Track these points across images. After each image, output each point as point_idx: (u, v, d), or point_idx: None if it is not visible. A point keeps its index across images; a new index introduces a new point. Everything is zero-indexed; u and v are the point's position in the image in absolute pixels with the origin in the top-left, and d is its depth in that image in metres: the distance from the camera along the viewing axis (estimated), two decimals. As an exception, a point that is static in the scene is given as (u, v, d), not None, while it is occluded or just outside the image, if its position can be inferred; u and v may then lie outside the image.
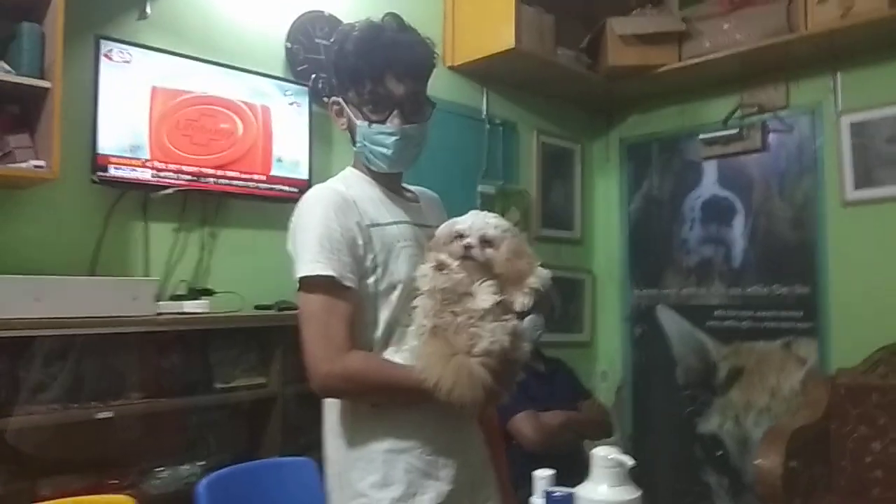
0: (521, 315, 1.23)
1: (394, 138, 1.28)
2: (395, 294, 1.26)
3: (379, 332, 1.26)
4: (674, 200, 3.65)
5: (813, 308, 3.18)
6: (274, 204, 2.42)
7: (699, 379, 3.49)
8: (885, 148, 3.03)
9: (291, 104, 2.49)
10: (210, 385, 2.12)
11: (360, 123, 1.28)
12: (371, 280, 1.25)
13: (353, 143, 1.33)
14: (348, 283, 1.21)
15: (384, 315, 1.26)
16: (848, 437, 2.83)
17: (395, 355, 1.25)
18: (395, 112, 1.27)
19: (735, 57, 3.15)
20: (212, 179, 2.27)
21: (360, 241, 1.24)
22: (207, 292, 2.23)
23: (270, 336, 2.19)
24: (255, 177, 2.38)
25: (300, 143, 2.51)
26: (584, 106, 3.83)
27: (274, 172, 2.43)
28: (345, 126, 1.33)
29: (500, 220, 1.30)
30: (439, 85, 3.06)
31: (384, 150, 1.29)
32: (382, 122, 1.27)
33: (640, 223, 3.79)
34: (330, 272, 1.19)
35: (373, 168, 1.33)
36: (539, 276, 1.26)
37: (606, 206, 3.91)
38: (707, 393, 3.45)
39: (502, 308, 1.20)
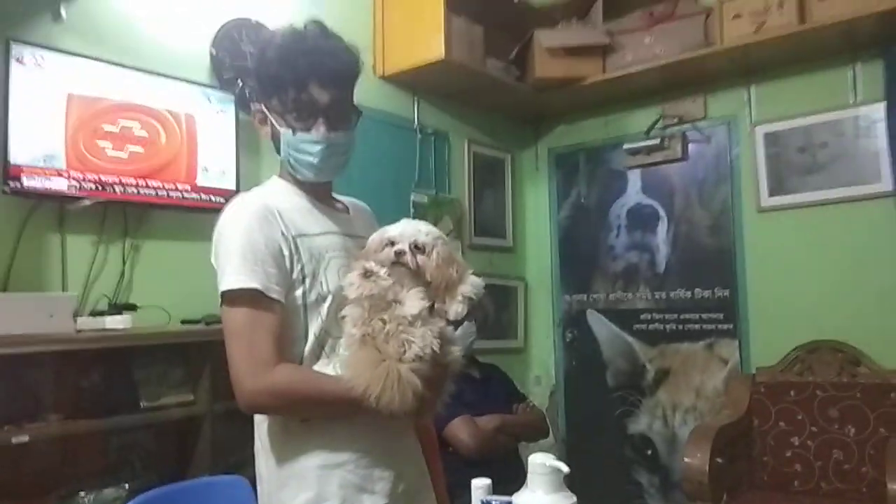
0: (455, 324, 1.22)
1: (319, 146, 1.25)
2: (325, 305, 1.23)
3: (309, 344, 1.23)
4: (601, 208, 3.73)
5: (733, 310, 3.30)
6: (200, 214, 2.34)
7: (628, 381, 3.56)
8: (797, 157, 3.17)
9: (217, 112, 2.42)
10: (135, 404, 2.03)
11: (284, 132, 1.25)
12: (299, 292, 1.22)
13: (278, 151, 1.29)
14: (274, 296, 1.18)
15: (314, 327, 1.23)
16: (769, 433, 2.94)
17: (327, 367, 1.22)
18: (319, 120, 1.24)
19: (656, 70, 3.24)
20: (133, 189, 2.19)
21: (286, 252, 1.21)
22: (130, 307, 2.14)
23: (198, 352, 2.11)
24: (180, 186, 2.30)
25: (227, 152, 2.44)
26: (513, 116, 3.87)
27: (199, 182, 2.36)
28: (268, 135, 1.29)
29: (432, 228, 1.29)
30: (370, 94, 3.05)
31: (309, 159, 1.26)
32: (307, 130, 1.24)
33: (570, 231, 3.85)
34: (254, 284, 1.16)
35: (299, 177, 1.30)
36: (472, 285, 1.25)
37: (536, 214, 3.96)
38: (636, 394, 3.53)
39: (433, 314, 1.19)
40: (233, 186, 2.42)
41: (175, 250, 2.36)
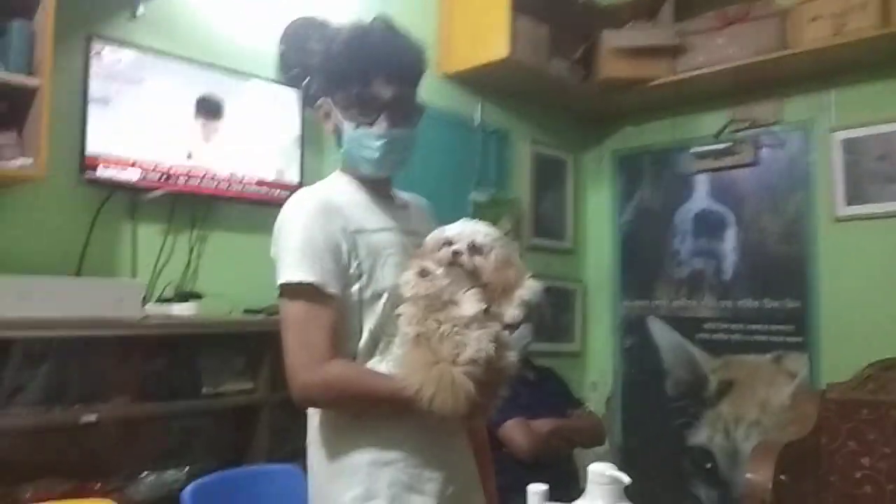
0: (511, 327, 1.21)
1: (381, 142, 1.25)
2: (381, 302, 1.24)
3: (363, 341, 1.23)
4: (665, 212, 3.65)
5: (803, 322, 3.17)
6: (264, 208, 2.38)
7: (689, 391, 3.47)
8: (876, 165, 3.03)
9: (283, 108, 2.47)
10: (197, 390, 2.08)
11: (347, 125, 1.26)
12: (355, 288, 1.23)
13: (340, 145, 1.31)
14: (331, 291, 1.19)
15: (369, 324, 1.23)
16: (837, 453, 2.82)
17: (380, 365, 1.23)
18: (382, 115, 1.25)
19: (728, 72, 3.15)
20: (200, 181, 2.25)
21: (345, 248, 1.22)
22: (195, 296, 2.19)
23: (259, 341, 2.15)
24: (245, 179, 2.36)
25: (291, 147, 2.49)
26: (577, 117, 3.82)
27: (264, 176, 2.41)
28: (332, 129, 1.30)
29: (491, 229, 1.28)
30: (433, 92, 3.06)
31: (371, 154, 1.27)
32: (369, 124, 1.25)
33: (632, 234, 3.78)
34: (311, 279, 1.17)
35: (360, 172, 1.31)
36: (530, 289, 1.23)
37: (598, 216, 3.90)
38: (697, 405, 3.44)
39: (488, 317, 1.18)
40: (296, 181, 2.46)
41: (239, 242, 2.42)
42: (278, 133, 2.46)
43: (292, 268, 1.18)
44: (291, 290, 1.19)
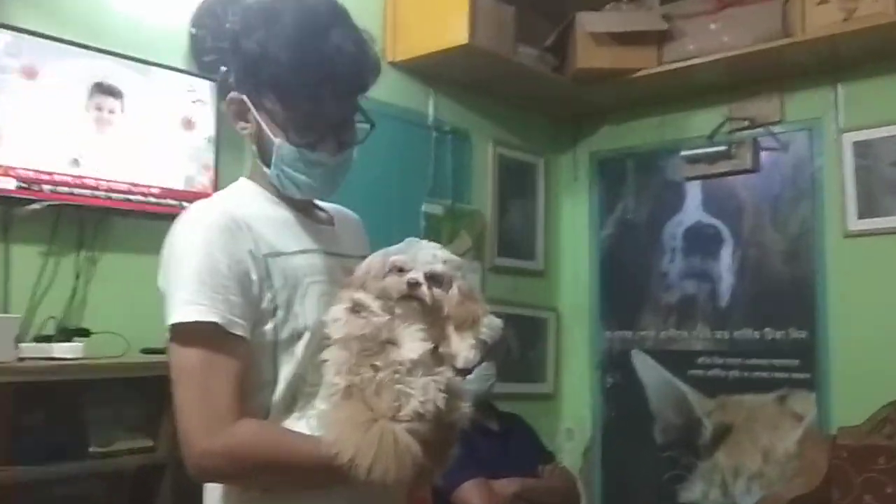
0: (464, 372, 1.19)
1: (321, 168, 1.23)
2: (301, 344, 1.20)
3: (278, 393, 1.19)
4: (652, 227, 3.71)
5: (811, 356, 3.24)
6: (169, 223, 2.35)
7: (680, 438, 3.52)
8: (891, 172, 3.13)
9: (194, 102, 2.45)
10: (83, 449, 2.03)
11: (280, 143, 1.22)
12: (269, 326, 1.19)
13: (260, 156, 1.26)
14: (237, 331, 1.14)
15: (286, 371, 1.19)
16: (851, 509, 2.89)
17: (299, 423, 1.18)
18: (328, 138, 1.23)
19: (723, 62, 3.22)
20: (92, 192, 2.21)
21: (254, 276, 1.17)
22: (83, 333, 2.15)
23: (160, 388, 2.05)
24: (147, 189, 2.33)
25: (204, 150, 2.46)
26: (548, 114, 3.86)
27: (171, 184, 2.37)
28: (247, 131, 1.26)
29: (448, 253, 1.26)
30: (378, 83, 3.05)
31: (306, 181, 1.24)
32: (310, 147, 1.22)
33: (613, 253, 3.83)
34: (212, 317, 1.12)
35: (285, 192, 1.27)
36: (489, 326, 1.22)
37: (574, 231, 3.95)
38: (690, 455, 3.48)
39: (436, 359, 1.16)
40: (210, 189, 2.43)
41: (138, 266, 2.36)
42: (188, 133, 2.43)
43: (186, 304, 1.12)
44: (187, 332, 1.12)
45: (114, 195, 2.27)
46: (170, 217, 2.28)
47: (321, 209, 1.37)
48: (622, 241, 3.81)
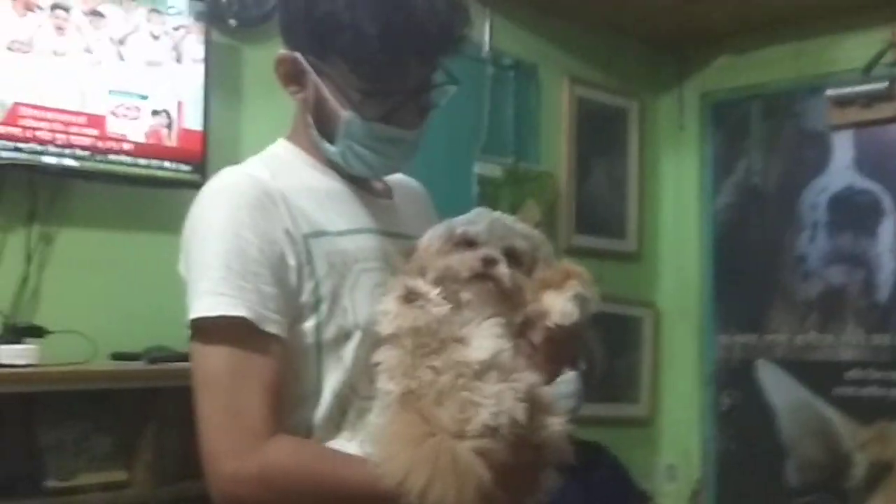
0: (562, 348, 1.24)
1: (401, 146, 1.31)
2: (350, 346, 1.25)
3: (323, 407, 1.25)
4: (785, 193, 3.68)
5: None
6: (148, 190, 2.40)
7: (824, 478, 3.50)
8: None
9: (177, 29, 2.49)
10: (37, 483, 2.08)
11: (350, 118, 1.28)
12: (310, 324, 1.25)
13: (317, 127, 1.32)
14: (271, 329, 1.20)
15: (332, 380, 1.25)
16: None
17: (350, 444, 1.24)
18: (407, 108, 1.29)
19: (885, -33, 3.20)
20: (46, 149, 2.25)
21: (292, 262, 1.23)
22: (36, 332, 2.19)
23: (136, 405, 2.17)
24: (118, 146, 2.36)
25: (190, 93, 2.49)
26: (644, 40, 3.84)
27: (148, 140, 2.41)
28: (302, 97, 1.33)
29: (529, 228, 1.30)
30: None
31: (382, 160, 1.31)
32: (386, 119, 1.28)
33: (732, 229, 3.81)
34: (241, 312, 1.18)
35: (347, 168, 1.34)
36: (583, 284, 1.26)
37: (678, 200, 3.94)
38: (836, 500, 3.47)
39: (515, 363, 1.19)
40: (198, 147, 2.48)
41: (107, 244, 2.43)
42: (168, 73, 2.47)
43: (209, 294, 1.19)
44: (209, 330, 1.19)
45: (73, 153, 2.30)
46: (145, 181, 2.39)
47: (377, 179, 1.43)
48: (744, 214, 3.79)
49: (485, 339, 1.18)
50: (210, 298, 1.19)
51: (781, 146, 3.72)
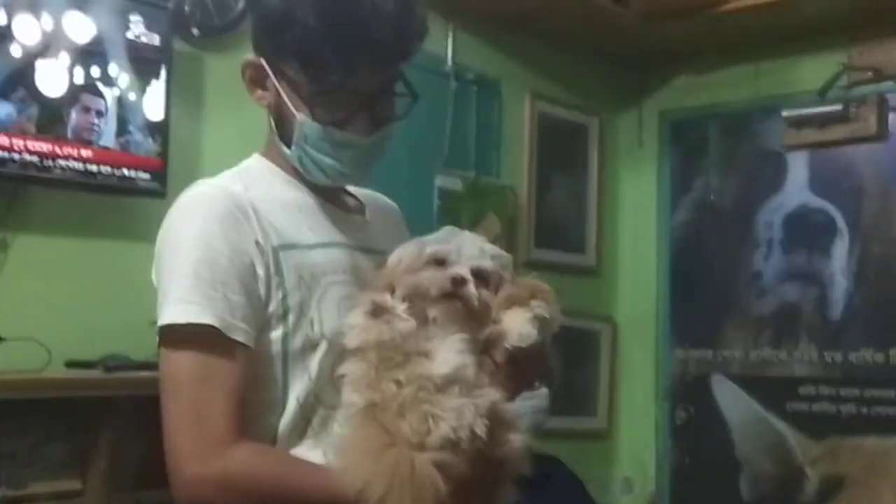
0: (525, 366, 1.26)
1: (354, 151, 1.33)
2: (316, 357, 1.28)
3: (289, 415, 1.28)
4: (741, 212, 3.71)
5: (953, 386, 3.26)
6: (105, 197, 2.39)
7: (777, 493, 3.52)
8: None
9: (137, 38, 2.48)
10: (-12, 491, 2.06)
11: (303, 120, 1.31)
12: (277, 333, 1.28)
13: (278, 131, 1.36)
14: (238, 337, 1.23)
15: (298, 389, 1.28)
16: None
17: (314, 452, 1.27)
18: (361, 114, 1.32)
19: (840, -9, 3.23)
20: (3, 154, 2.23)
21: (261, 272, 1.27)
22: (-10, 339, 2.18)
23: (91, 412, 2.15)
24: (75, 153, 2.34)
25: (151, 102, 2.48)
26: (605, 59, 3.86)
27: (106, 144, 2.40)
28: (265, 102, 1.37)
29: (497, 249, 1.33)
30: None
31: (334, 165, 1.33)
32: (340, 125, 1.31)
33: (689, 246, 3.84)
34: (207, 319, 1.21)
35: (309, 177, 1.37)
36: (546, 304, 1.28)
37: (637, 216, 3.96)
38: (788, 517, 3.49)
39: (478, 378, 1.21)
40: (156, 154, 2.47)
41: (64, 251, 2.41)
42: (129, 79, 2.46)
43: (178, 302, 1.23)
44: (178, 336, 1.23)
45: (30, 159, 2.28)
46: (104, 189, 2.37)
47: (350, 195, 1.47)
48: (701, 231, 3.82)
49: (448, 353, 1.21)
50: (179, 306, 1.23)
51: (738, 165, 3.76)
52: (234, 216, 1.27)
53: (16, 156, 2.26)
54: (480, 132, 3.44)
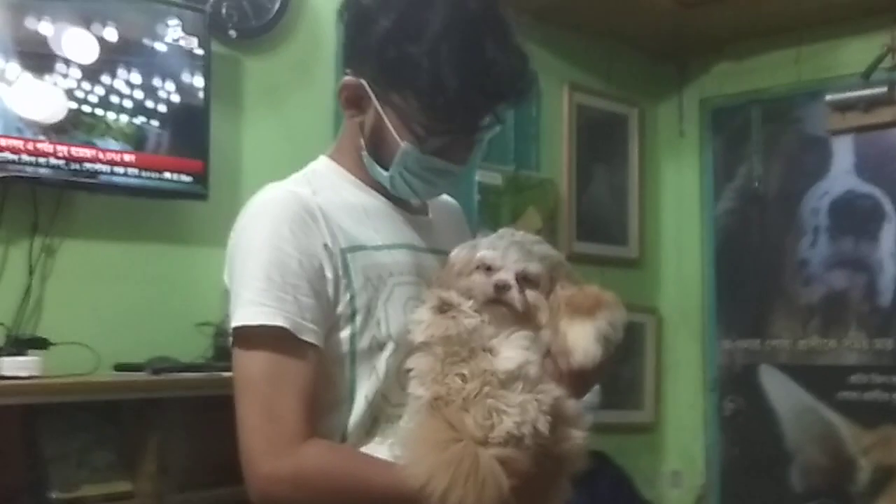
0: (582, 380, 1.27)
1: (452, 177, 1.38)
2: (383, 357, 1.31)
3: (356, 413, 1.30)
4: (786, 199, 3.68)
5: None
6: (149, 201, 2.41)
7: (828, 483, 3.50)
8: None
9: (177, 41, 2.49)
10: (41, 495, 2.07)
11: (409, 149, 1.32)
12: (345, 334, 1.31)
13: (370, 150, 1.37)
14: (308, 338, 1.26)
15: (366, 388, 1.30)
16: None
17: (380, 449, 1.29)
18: (461, 143, 1.36)
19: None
20: (49, 161, 2.25)
21: (329, 274, 1.29)
22: (39, 344, 2.19)
23: (140, 415, 2.16)
24: (118, 158, 2.36)
25: (191, 104, 2.49)
26: (644, 47, 3.84)
27: (149, 150, 2.41)
28: (359, 121, 1.38)
29: (548, 249, 1.34)
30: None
31: (429, 189, 1.39)
32: (441, 154, 1.34)
33: (733, 235, 3.81)
34: (279, 321, 1.24)
35: (394, 193, 1.39)
36: (610, 320, 1.29)
37: (679, 207, 3.94)
38: (841, 506, 3.47)
39: (540, 375, 1.21)
40: (201, 158, 2.48)
41: (109, 256, 2.42)
42: (171, 82, 2.47)
43: (251, 304, 1.26)
44: (250, 338, 1.26)
45: (76, 164, 2.30)
46: (149, 192, 2.39)
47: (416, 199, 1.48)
48: (745, 219, 3.79)
49: (512, 350, 1.22)
50: (251, 308, 1.25)
51: (781, 151, 3.72)
52: (303, 220, 1.29)
53: (61, 162, 2.29)
54: (519, 125, 3.42)
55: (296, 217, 1.29)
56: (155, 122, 2.44)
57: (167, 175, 2.43)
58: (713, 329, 3.83)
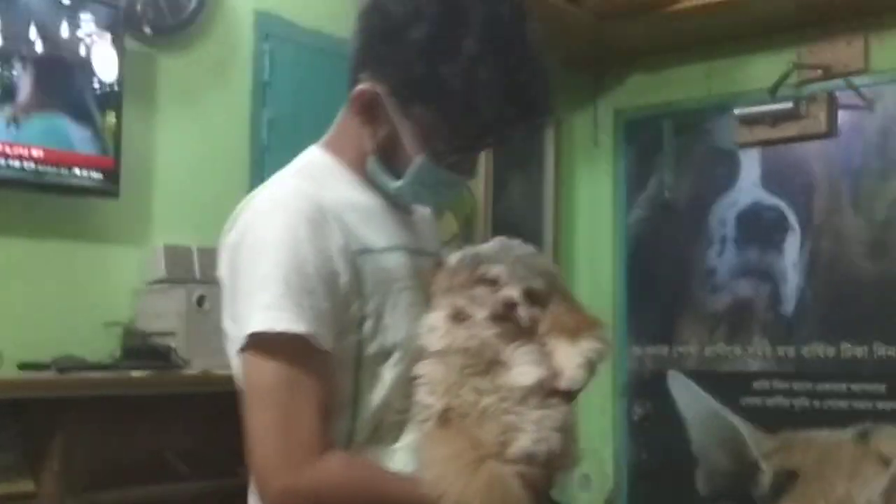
0: (568, 399, 1.28)
1: (458, 188, 1.42)
2: (388, 365, 1.28)
3: (360, 420, 1.28)
4: (695, 209, 3.73)
5: (902, 379, 3.29)
6: (58, 198, 2.38)
7: (731, 487, 3.55)
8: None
9: (88, 37, 2.45)
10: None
11: (423, 162, 1.29)
12: (353, 339, 1.27)
13: (381, 158, 1.32)
14: (325, 346, 1.22)
15: (370, 397, 1.28)
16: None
17: (384, 456, 1.28)
18: (472, 157, 1.38)
19: (791, -8, 3.25)
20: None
21: (344, 279, 1.25)
22: (-64, 341, 2.15)
23: (44, 415, 2.12)
24: (25, 153, 2.32)
25: (102, 100, 2.47)
26: (560, 59, 3.86)
27: (57, 146, 2.38)
28: (371, 129, 1.32)
29: (545, 261, 1.38)
30: (336, 16, 3.03)
31: (437, 199, 1.45)
32: (452, 166, 1.32)
33: (644, 243, 3.86)
34: (302, 329, 1.20)
35: (399, 201, 1.37)
36: (593, 345, 1.31)
37: (593, 215, 3.97)
38: (743, 509, 3.51)
39: (546, 390, 1.23)
40: (111, 154, 2.45)
41: (14, 253, 2.38)
42: (80, 79, 2.44)
43: (269, 309, 1.20)
44: (266, 344, 1.20)
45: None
46: (56, 188, 2.35)
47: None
48: (656, 228, 3.84)
49: (526, 365, 1.23)
50: (270, 313, 1.20)
51: (691, 162, 3.79)
52: (316, 220, 1.25)
53: (-35, 156, 2.25)
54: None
55: (310, 217, 1.24)
56: (66, 121, 2.40)
57: (77, 171, 2.40)
58: (624, 335, 3.87)
